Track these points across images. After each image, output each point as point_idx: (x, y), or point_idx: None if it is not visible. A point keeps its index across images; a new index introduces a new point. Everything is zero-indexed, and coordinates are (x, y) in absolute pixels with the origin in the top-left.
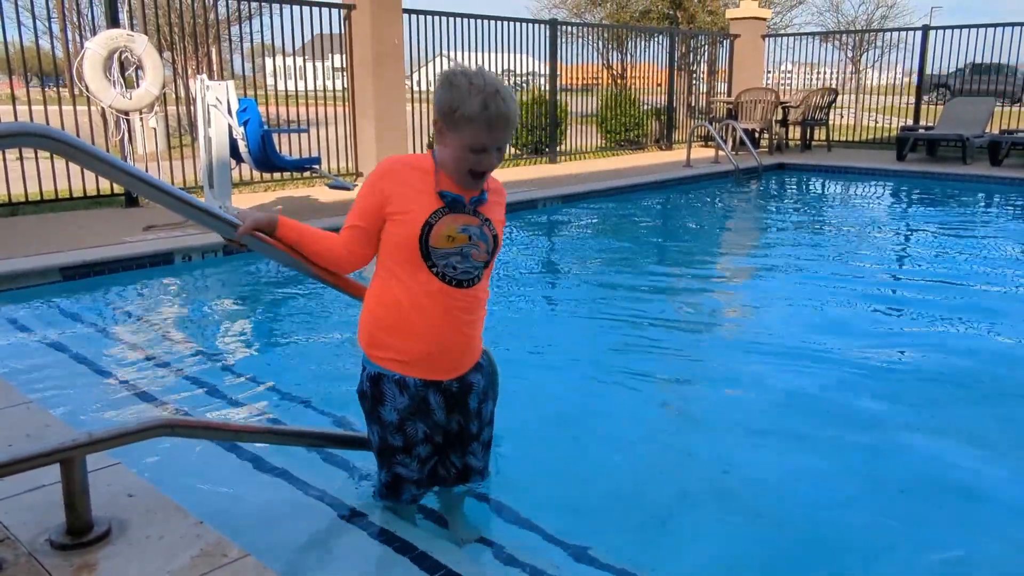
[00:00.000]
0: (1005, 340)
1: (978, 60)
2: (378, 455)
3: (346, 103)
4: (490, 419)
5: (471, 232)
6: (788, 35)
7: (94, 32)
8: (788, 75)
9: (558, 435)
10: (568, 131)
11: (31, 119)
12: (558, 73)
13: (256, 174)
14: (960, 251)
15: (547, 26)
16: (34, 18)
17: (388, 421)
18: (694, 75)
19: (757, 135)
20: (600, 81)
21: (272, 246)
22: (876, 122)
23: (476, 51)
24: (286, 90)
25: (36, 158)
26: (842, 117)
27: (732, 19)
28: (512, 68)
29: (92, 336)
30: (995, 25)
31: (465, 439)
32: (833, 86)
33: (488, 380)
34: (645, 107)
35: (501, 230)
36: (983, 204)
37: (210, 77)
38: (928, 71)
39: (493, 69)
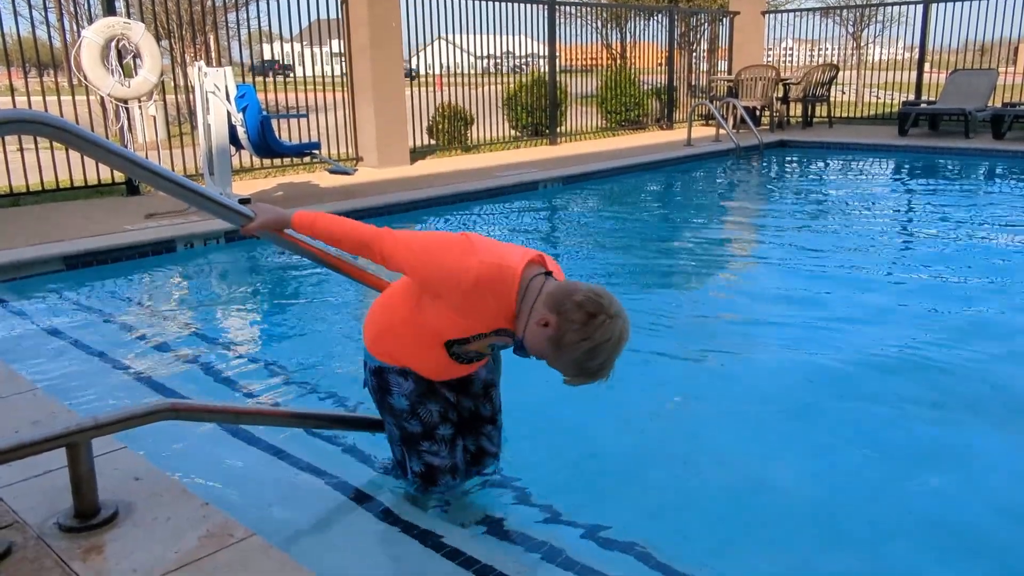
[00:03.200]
0: (1008, 312)
1: (978, 35)
2: (404, 445)
3: (345, 88)
4: (500, 404)
5: (497, 345)
6: (788, 11)
7: (91, 21)
8: (789, 52)
9: (562, 413)
10: (568, 112)
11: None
12: (557, 54)
13: (256, 160)
14: (963, 225)
15: (545, 7)
16: (30, 8)
17: (399, 408)
18: (694, 53)
19: (758, 113)
20: (600, 61)
21: (284, 239)
22: (878, 97)
23: (474, 33)
24: (284, 76)
25: (36, 148)
26: (843, 93)
27: None
28: (511, 50)
29: (96, 324)
30: None
31: (478, 421)
32: (834, 62)
33: (488, 368)
34: (645, 87)
35: None
36: (986, 178)
37: (208, 64)
38: (930, 46)
39: (492, 51)
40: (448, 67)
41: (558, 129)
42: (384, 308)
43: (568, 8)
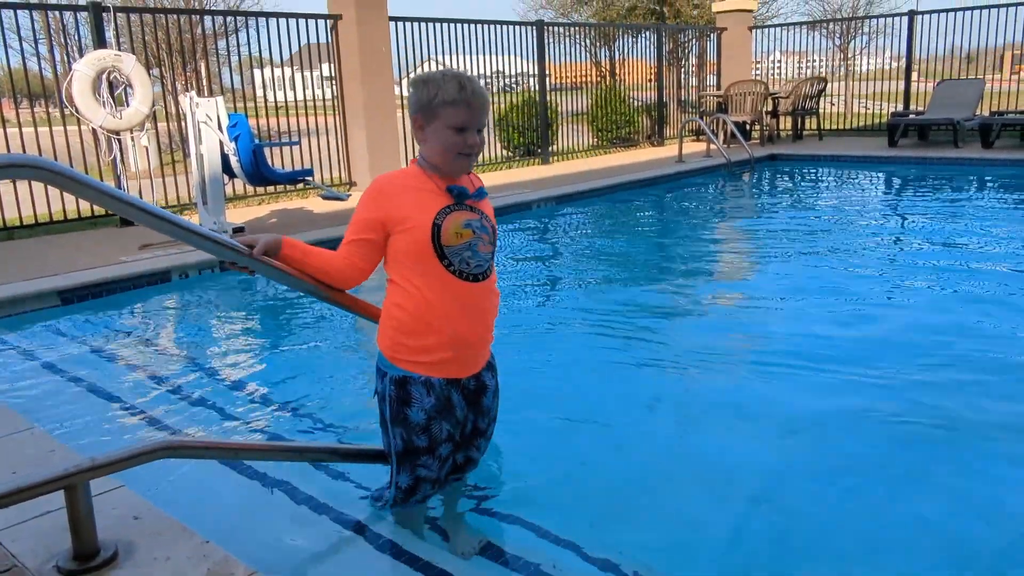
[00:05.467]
0: (1003, 321)
1: (964, 44)
2: (400, 458)
3: (336, 113)
4: (495, 416)
5: (473, 226)
6: (775, 26)
7: (82, 52)
8: (777, 64)
9: (560, 435)
10: (559, 131)
11: (22, 141)
12: (547, 73)
13: (250, 188)
14: (955, 235)
15: (534, 27)
16: (20, 40)
17: (415, 422)
18: (683, 70)
19: (748, 127)
20: (590, 79)
21: (279, 269)
22: (867, 108)
23: (464, 55)
24: (275, 102)
25: (29, 181)
26: (832, 105)
27: (718, 12)
28: (501, 70)
29: (93, 359)
30: (980, 8)
31: (474, 435)
32: (822, 74)
33: (496, 380)
34: (635, 104)
35: (495, 221)
36: (976, 187)
37: (199, 92)
38: (917, 55)
39: (482, 72)
40: None
41: (550, 148)
42: (386, 315)
43: (556, 28)
